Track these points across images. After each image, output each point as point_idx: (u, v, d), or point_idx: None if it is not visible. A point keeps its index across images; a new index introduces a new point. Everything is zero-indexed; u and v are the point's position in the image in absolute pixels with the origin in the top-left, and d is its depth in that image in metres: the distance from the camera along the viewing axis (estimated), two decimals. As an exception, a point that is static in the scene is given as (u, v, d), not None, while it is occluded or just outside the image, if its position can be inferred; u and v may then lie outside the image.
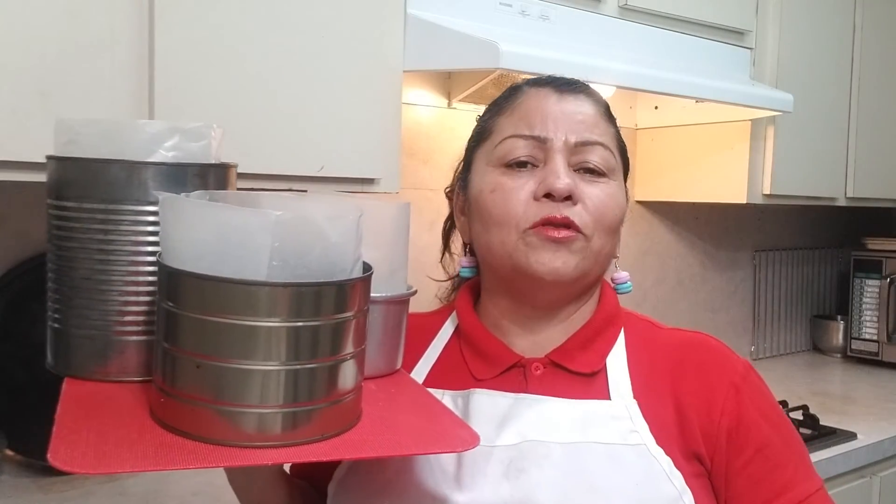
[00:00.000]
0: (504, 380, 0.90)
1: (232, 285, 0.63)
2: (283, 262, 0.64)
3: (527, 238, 0.86)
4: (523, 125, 0.89)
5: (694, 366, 0.88)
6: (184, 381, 0.66)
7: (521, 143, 0.88)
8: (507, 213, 0.87)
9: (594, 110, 0.91)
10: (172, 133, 0.76)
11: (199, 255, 0.64)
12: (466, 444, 0.71)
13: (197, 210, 0.66)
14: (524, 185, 0.87)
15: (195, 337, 0.65)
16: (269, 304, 0.63)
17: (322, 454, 0.67)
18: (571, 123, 0.88)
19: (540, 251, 0.86)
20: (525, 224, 0.86)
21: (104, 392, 0.74)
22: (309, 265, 0.65)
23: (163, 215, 0.69)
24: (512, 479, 0.82)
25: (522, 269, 0.87)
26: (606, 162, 0.89)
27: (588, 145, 0.88)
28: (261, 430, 0.65)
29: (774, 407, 0.91)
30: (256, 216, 0.65)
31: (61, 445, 0.63)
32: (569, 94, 0.91)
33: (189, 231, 0.65)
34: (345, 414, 0.70)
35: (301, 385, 0.66)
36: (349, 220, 0.68)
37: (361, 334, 0.71)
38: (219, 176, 0.78)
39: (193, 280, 0.64)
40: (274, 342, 0.64)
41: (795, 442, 0.90)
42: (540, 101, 0.90)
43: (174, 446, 0.64)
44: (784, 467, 0.86)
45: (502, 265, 0.89)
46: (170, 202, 0.67)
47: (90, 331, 0.75)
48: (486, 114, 0.96)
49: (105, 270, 0.74)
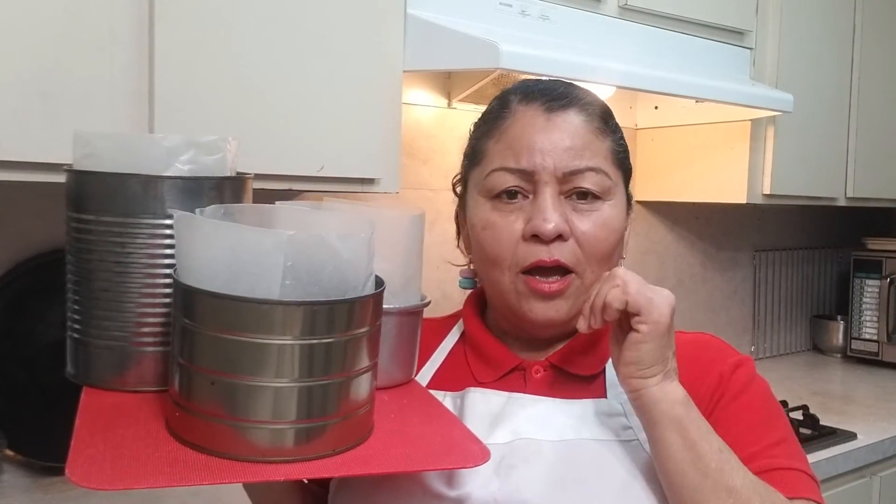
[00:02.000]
0: (504, 382, 0.91)
1: (246, 304, 0.64)
2: (296, 281, 0.65)
3: (518, 284, 0.87)
4: (510, 156, 0.87)
5: (687, 361, 0.88)
6: (199, 395, 0.67)
7: (509, 177, 0.87)
8: (498, 253, 0.88)
9: (585, 129, 0.88)
10: (188, 147, 0.77)
11: (214, 273, 0.65)
12: (477, 458, 0.71)
13: (211, 229, 0.67)
14: (513, 223, 0.87)
15: (210, 353, 0.66)
16: (282, 323, 0.64)
17: (334, 470, 0.67)
18: (558, 151, 0.86)
19: (532, 301, 0.87)
20: (516, 267, 0.87)
21: (121, 403, 0.75)
22: (321, 283, 0.66)
23: (177, 233, 0.70)
24: (501, 476, 0.82)
25: (517, 313, 0.89)
26: (600, 185, 0.88)
27: (578, 173, 0.87)
28: (274, 445, 0.66)
29: (764, 394, 0.89)
30: (269, 236, 0.66)
31: (79, 460, 0.63)
32: (558, 114, 0.88)
33: (203, 249, 0.67)
34: (357, 428, 0.71)
35: (314, 401, 0.67)
36: (361, 238, 0.69)
37: (374, 349, 0.72)
38: (235, 188, 0.79)
39: (209, 298, 0.65)
40: (287, 359, 0.65)
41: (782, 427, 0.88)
42: (526, 126, 0.88)
43: (188, 462, 0.65)
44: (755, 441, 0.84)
45: (499, 302, 0.91)
46: (184, 220, 0.68)
47: (109, 341, 0.77)
48: (479, 129, 0.94)
49: (123, 282, 0.75)
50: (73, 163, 0.78)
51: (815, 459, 1.77)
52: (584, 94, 0.92)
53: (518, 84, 0.95)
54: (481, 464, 0.71)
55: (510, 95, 0.93)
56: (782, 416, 0.90)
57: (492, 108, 0.94)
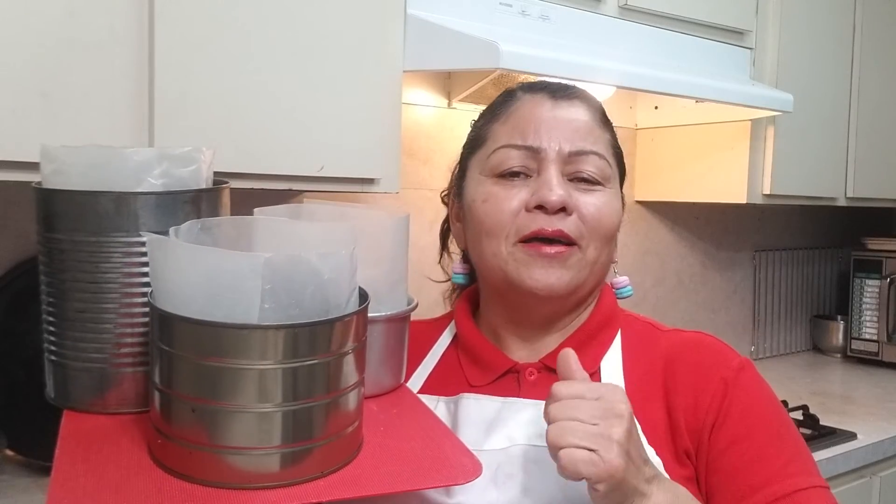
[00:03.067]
0: (498, 386, 0.90)
1: (225, 329, 0.62)
2: (276, 304, 0.63)
3: (517, 253, 0.86)
4: (516, 134, 0.88)
5: (686, 364, 0.88)
6: (180, 423, 0.65)
7: (515, 153, 0.87)
8: (498, 223, 0.86)
9: (588, 117, 0.90)
10: (161, 160, 0.74)
11: (191, 298, 0.63)
12: (469, 474, 0.70)
13: (185, 252, 0.65)
14: (516, 195, 0.86)
15: (190, 380, 0.64)
16: (262, 347, 0.62)
17: (323, 493, 0.66)
18: (565, 132, 0.87)
19: (532, 267, 0.85)
20: (516, 236, 0.86)
21: (102, 427, 0.73)
22: (302, 304, 0.64)
23: (151, 256, 0.67)
24: (500, 485, 0.82)
25: (515, 282, 0.87)
26: (601, 171, 0.88)
27: (582, 154, 0.87)
28: (260, 471, 0.64)
29: (769, 402, 0.89)
30: (246, 259, 0.64)
31: (59, 493, 0.62)
32: (563, 101, 0.90)
33: (179, 274, 0.64)
34: (345, 447, 0.69)
35: (299, 424, 0.65)
36: (342, 255, 0.67)
37: (361, 364, 0.70)
38: (211, 200, 0.77)
39: (186, 324, 0.63)
40: (270, 384, 0.63)
41: (790, 438, 0.87)
42: (533, 108, 0.89)
43: (171, 492, 0.63)
44: (768, 461, 0.83)
45: (496, 276, 0.89)
46: (157, 244, 0.66)
47: (87, 363, 0.74)
48: (481, 119, 0.95)
49: (98, 303, 0.73)
50: (41, 179, 0.75)
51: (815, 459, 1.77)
52: (586, 93, 0.94)
53: (523, 82, 0.97)
54: (472, 479, 0.70)
55: (515, 90, 0.94)
56: (790, 423, 0.89)
57: (497, 100, 0.95)
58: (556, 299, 0.87)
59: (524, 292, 0.87)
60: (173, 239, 0.67)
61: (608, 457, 0.70)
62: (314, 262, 0.65)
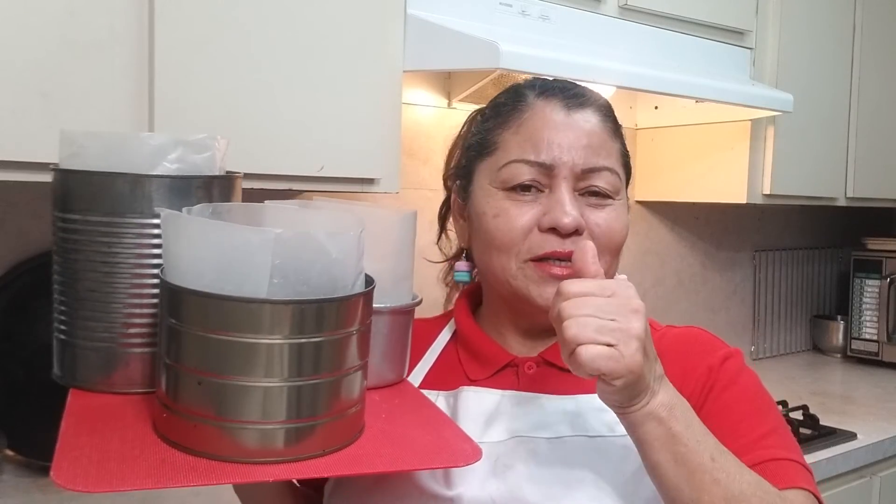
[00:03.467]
0: (496, 379, 0.91)
1: (234, 303, 0.63)
2: (284, 280, 0.64)
3: (527, 270, 0.86)
4: (529, 148, 0.87)
5: (675, 355, 0.88)
6: (186, 396, 0.66)
7: (526, 169, 0.87)
8: (510, 241, 0.87)
9: (601, 128, 0.90)
10: (176, 145, 0.75)
11: (201, 273, 0.64)
12: (468, 457, 0.71)
13: (198, 228, 0.66)
14: (528, 213, 0.86)
15: (198, 354, 0.65)
16: (270, 322, 0.63)
17: (324, 470, 0.67)
18: (578, 147, 0.87)
19: (542, 286, 0.86)
20: (527, 255, 0.86)
21: (109, 405, 0.74)
22: (309, 281, 0.65)
23: (164, 232, 0.69)
24: (499, 476, 0.82)
25: (523, 297, 0.87)
26: (613, 185, 0.89)
27: (595, 171, 0.88)
28: (264, 446, 0.65)
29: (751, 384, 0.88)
30: (257, 234, 0.65)
31: (64, 463, 0.62)
32: (577, 111, 0.89)
33: (190, 248, 0.66)
34: (348, 428, 0.70)
35: (304, 401, 0.66)
36: (350, 236, 0.68)
37: (365, 347, 0.71)
38: (223, 187, 0.78)
39: (195, 297, 0.64)
40: (276, 359, 0.64)
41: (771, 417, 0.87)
42: (546, 120, 0.88)
43: (175, 463, 0.64)
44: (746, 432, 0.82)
45: (503, 288, 0.90)
46: (171, 219, 0.67)
47: (96, 342, 0.75)
48: (490, 121, 0.93)
49: (109, 283, 0.74)
50: (59, 162, 0.77)
51: (815, 459, 1.77)
52: (597, 96, 0.94)
53: (532, 80, 0.96)
54: (472, 462, 0.70)
55: (525, 90, 0.93)
56: (773, 406, 0.90)
57: (505, 100, 0.94)
58: None
59: (531, 306, 0.88)
60: (186, 214, 0.68)
61: (628, 352, 0.69)
62: (323, 241, 0.66)
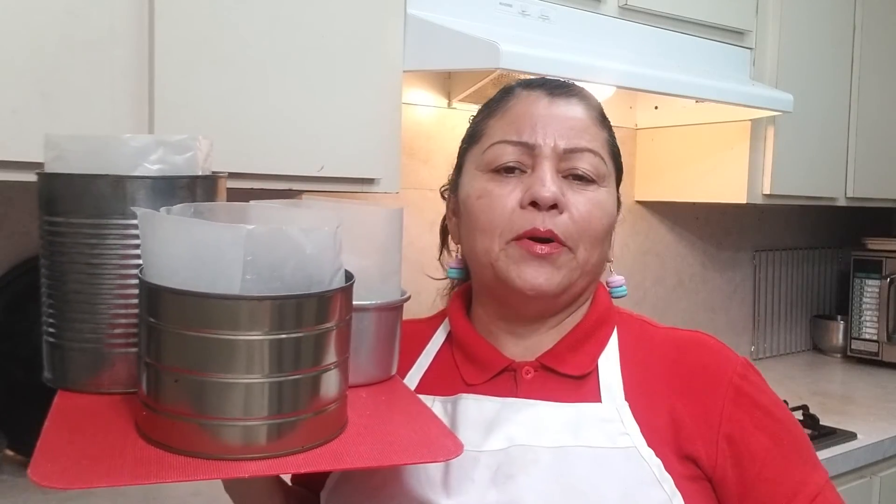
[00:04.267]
0: (494, 384, 0.90)
1: (212, 300, 0.63)
2: (258, 276, 0.64)
3: (509, 249, 0.86)
4: (512, 130, 0.88)
5: (690, 366, 0.87)
6: (166, 395, 0.66)
7: (510, 149, 0.87)
8: (491, 220, 0.86)
9: (585, 115, 0.90)
10: (157, 146, 0.76)
11: (175, 270, 0.65)
12: (449, 453, 0.70)
13: (171, 225, 0.66)
14: (511, 193, 0.86)
15: (176, 351, 0.65)
16: (249, 318, 0.63)
17: (304, 465, 0.66)
18: (561, 129, 0.87)
19: (522, 266, 0.85)
20: (509, 234, 0.86)
21: (94, 405, 0.74)
22: (283, 278, 0.65)
23: (142, 231, 0.69)
24: (499, 485, 0.81)
25: (504, 280, 0.87)
26: (596, 169, 0.88)
27: (577, 152, 0.87)
28: (245, 443, 0.65)
29: (777, 404, 0.89)
30: (228, 231, 0.65)
31: (41, 460, 0.63)
32: (560, 98, 0.90)
33: (165, 246, 0.66)
34: (329, 423, 0.70)
35: (285, 396, 0.66)
36: (325, 233, 0.68)
37: (345, 343, 0.71)
38: (206, 187, 0.78)
39: (172, 295, 0.64)
40: (256, 355, 0.64)
41: (800, 435, 0.88)
42: (530, 105, 0.89)
43: (154, 460, 0.64)
44: (795, 465, 0.85)
45: (486, 273, 0.89)
46: (147, 218, 0.68)
47: (83, 343, 0.76)
48: (479, 115, 0.95)
49: (94, 284, 0.75)
50: (44, 166, 0.78)
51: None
52: (584, 90, 0.94)
53: (520, 80, 0.97)
54: (453, 458, 0.70)
55: (513, 86, 0.94)
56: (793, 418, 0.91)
57: (495, 96, 0.95)
58: (543, 299, 0.87)
59: (512, 290, 0.86)
60: (160, 213, 0.68)
61: None
62: (296, 237, 0.66)
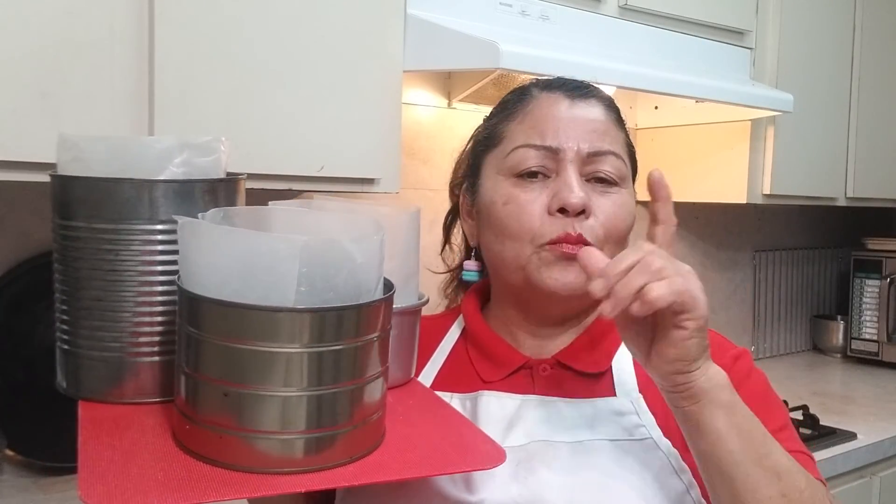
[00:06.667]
0: (511, 381, 0.91)
1: (253, 311, 0.62)
2: (311, 287, 0.64)
3: (541, 253, 0.86)
4: (535, 134, 0.88)
5: None
6: (206, 406, 0.65)
7: (533, 153, 0.87)
8: (521, 227, 0.87)
9: (605, 117, 0.91)
10: (182, 149, 0.74)
11: (223, 281, 0.64)
12: (493, 460, 0.70)
13: (220, 235, 0.65)
14: (537, 199, 0.87)
15: (219, 363, 0.64)
16: (290, 330, 0.63)
17: (350, 478, 0.66)
18: (583, 132, 0.88)
19: (553, 267, 0.86)
20: (541, 240, 0.86)
21: (122, 416, 0.72)
22: (336, 288, 0.65)
23: (182, 239, 0.67)
24: (521, 480, 0.82)
25: (535, 283, 0.87)
26: (618, 171, 0.89)
27: (600, 155, 0.88)
28: (284, 456, 0.64)
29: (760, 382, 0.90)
30: (283, 242, 0.64)
31: (91, 479, 0.61)
32: (580, 100, 0.90)
33: (211, 256, 0.65)
34: (370, 434, 0.70)
35: (324, 410, 0.65)
36: (374, 241, 0.68)
37: (385, 353, 0.71)
38: (228, 190, 0.77)
39: (215, 306, 0.64)
40: (295, 368, 0.63)
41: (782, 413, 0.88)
42: (551, 107, 0.89)
43: (203, 475, 0.63)
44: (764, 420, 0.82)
45: (515, 277, 0.89)
46: (190, 227, 0.66)
47: (103, 352, 0.74)
48: (495, 118, 0.95)
49: (117, 291, 0.72)
50: (57, 167, 0.75)
51: (815, 459, 1.77)
52: (600, 91, 0.95)
53: (536, 80, 0.97)
54: (498, 465, 0.70)
55: (530, 87, 0.94)
56: (781, 405, 0.91)
57: (510, 97, 0.95)
58: (574, 298, 0.88)
59: (543, 292, 0.87)
60: (207, 222, 0.67)
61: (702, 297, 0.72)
62: (348, 247, 0.66)
